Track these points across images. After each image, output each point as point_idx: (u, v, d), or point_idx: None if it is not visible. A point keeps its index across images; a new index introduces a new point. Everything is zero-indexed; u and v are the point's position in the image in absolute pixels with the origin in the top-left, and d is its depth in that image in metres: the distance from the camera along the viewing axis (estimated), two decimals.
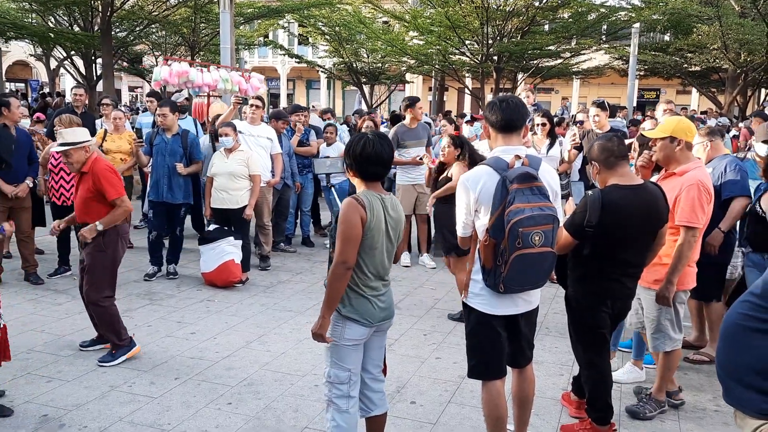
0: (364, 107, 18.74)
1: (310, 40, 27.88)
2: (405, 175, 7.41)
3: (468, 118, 7.56)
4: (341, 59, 25.13)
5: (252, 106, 7.17)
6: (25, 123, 8.43)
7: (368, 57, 24.98)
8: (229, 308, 5.71)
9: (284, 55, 27.56)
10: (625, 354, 4.66)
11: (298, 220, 8.37)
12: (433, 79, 24.66)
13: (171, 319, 5.39)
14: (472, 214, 2.92)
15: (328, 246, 7.97)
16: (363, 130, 7.80)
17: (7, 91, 25.69)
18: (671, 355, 3.76)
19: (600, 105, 6.14)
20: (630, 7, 20.04)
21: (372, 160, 2.84)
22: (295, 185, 7.76)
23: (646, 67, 20.63)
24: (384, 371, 3.17)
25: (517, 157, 2.83)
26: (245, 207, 6.43)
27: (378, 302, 2.91)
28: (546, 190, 2.81)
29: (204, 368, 4.41)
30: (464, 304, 3.09)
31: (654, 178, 3.78)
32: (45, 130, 9.05)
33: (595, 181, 3.39)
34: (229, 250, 6.25)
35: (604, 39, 21.35)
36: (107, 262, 4.48)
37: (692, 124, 3.75)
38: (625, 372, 4.25)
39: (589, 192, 3.25)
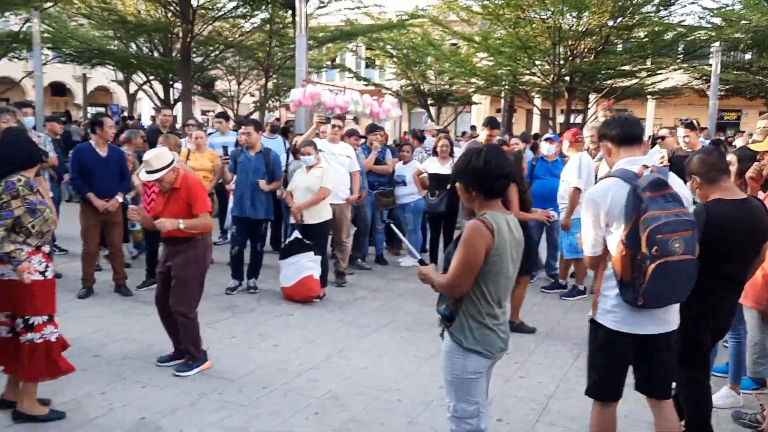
0: (430, 124, 18.72)
1: (378, 62, 28.30)
2: None
3: (548, 135, 7.42)
4: (408, 81, 25.33)
5: (334, 126, 7.30)
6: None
7: (436, 79, 25.08)
8: (308, 323, 5.78)
9: (352, 77, 28.02)
10: (720, 379, 4.44)
11: (372, 239, 8.42)
12: (502, 101, 24.47)
13: (253, 331, 5.50)
14: (602, 229, 2.84)
15: (401, 263, 8.07)
16: (438, 149, 7.80)
17: (89, 115, 27.13)
18: None
19: (689, 125, 5.96)
20: (710, 26, 19.42)
21: (496, 173, 2.69)
22: (360, 195, 7.67)
23: (727, 86, 19.89)
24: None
25: (645, 166, 2.78)
26: (326, 222, 6.53)
27: (500, 332, 2.77)
28: (679, 196, 2.74)
29: (289, 379, 4.46)
30: (592, 322, 2.98)
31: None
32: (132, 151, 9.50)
33: (695, 195, 3.28)
34: (309, 265, 6.34)
35: (681, 58, 20.72)
36: (197, 274, 4.62)
37: None
38: (721, 396, 4.05)
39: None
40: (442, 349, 2.84)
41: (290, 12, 15.37)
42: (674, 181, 2.85)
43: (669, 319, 2.87)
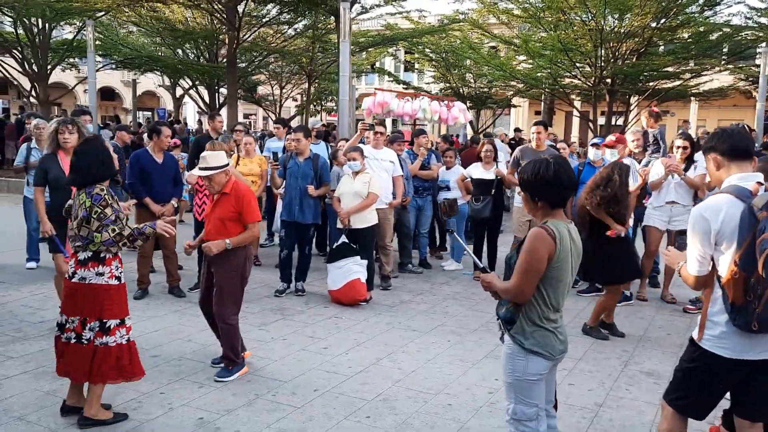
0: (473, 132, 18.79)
1: (417, 66, 28.39)
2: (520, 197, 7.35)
3: (595, 140, 7.40)
4: (448, 84, 25.36)
5: (376, 132, 7.42)
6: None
7: (475, 82, 25.06)
8: (356, 325, 5.89)
9: (392, 81, 28.16)
10: None
11: (416, 243, 8.51)
12: (542, 103, 24.31)
13: (303, 333, 5.64)
14: (711, 248, 2.72)
15: (445, 267, 8.13)
16: (482, 154, 7.85)
17: (139, 118, 27.88)
18: None
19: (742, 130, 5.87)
20: (756, 25, 18.96)
21: (563, 183, 2.76)
22: (405, 199, 7.76)
23: None
24: (555, 406, 3.08)
25: (760, 183, 2.69)
26: (372, 226, 6.67)
27: (558, 335, 2.84)
28: None
29: (340, 382, 4.57)
30: (693, 342, 2.87)
31: None
32: (182, 154, 9.79)
33: None
34: (356, 269, 6.47)
35: (727, 59, 20.27)
36: (237, 281, 4.66)
37: None
38: None
39: None
40: (503, 352, 2.92)
41: (333, 18, 15.59)
42: None
43: None
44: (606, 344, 5.49)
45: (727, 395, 2.94)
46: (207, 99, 22.25)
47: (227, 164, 4.62)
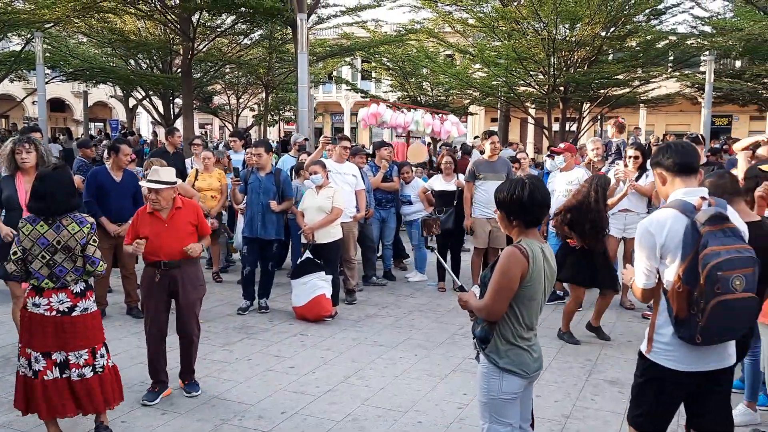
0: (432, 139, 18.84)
1: (374, 74, 28.49)
2: (480, 208, 7.42)
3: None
4: (405, 93, 25.53)
5: (342, 146, 7.39)
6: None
7: (432, 90, 25.29)
8: (322, 342, 5.85)
9: (349, 90, 28.18)
10: (736, 396, 4.52)
11: (380, 254, 8.51)
12: (498, 111, 24.68)
13: (268, 353, 5.56)
14: (657, 262, 2.77)
15: (409, 279, 8.14)
16: (442, 166, 7.91)
17: (91, 130, 27.20)
18: None
19: (694, 140, 6.05)
20: (699, 33, 19.68)
21: (539, 204, 2.78)
22: (368, 212, 7.74)
23: (720, 94, 20.16)
24: (532, 424, 3.09)
25: (703, 198, 2.72)
26: (337, 241, 6.64)
27: (532, 352, 2.85)
28: (740, 231, 2.69)
29: (308, 403, 4.52)
30: (641, 355, 2.93)
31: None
32: (138, 168, 9.58)
33: None
34: (321, 284, 6.42)
35: (672, 66, 20.98)
36: (202, 296, 4.74)
37: None
38: (738, 414, 4.11)
39: None
40: (479, 371, 2.92)
41: (290, 28, 15.53)
42: (732, 213, 2.79)
43: (729, 352, 2.82)
44: (569, 353, 5.57)
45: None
46: (161, 109, 21.86)
47: (176, 182, 4.58)
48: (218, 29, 18.63)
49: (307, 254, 6.56)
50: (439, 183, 7.83)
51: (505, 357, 2.80)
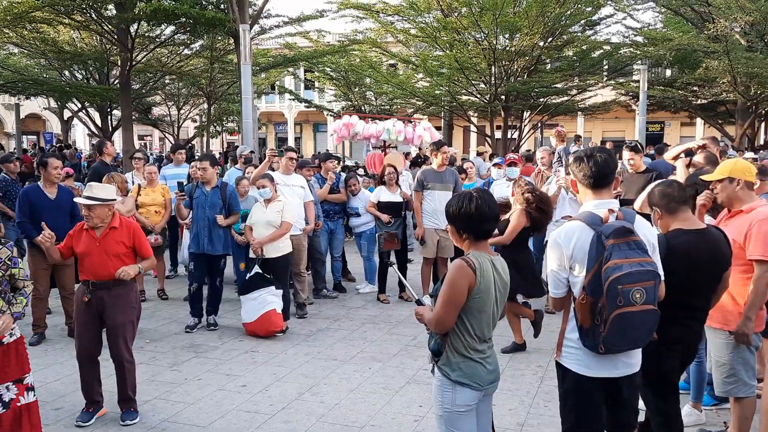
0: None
1: (317, 84, 28.43)
2: (429, 219, 7.47)
3: (496, 161, 7.65)
4: (349, 102, 25.56)
5: (288, 157, 7.32)
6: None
7: (376, 99, 25.40)
8: (274, 358, 5.75)
9: (293, 100, 28.00)
10: (683, 395, 4.67)
11: (329, 266, 8.44)
12: (442, 120, 24.98)
13: (219, 371, 5.43)
14: (566, 272, 2.85)
15: (360, 290, 8.11)
16: (385, 177, 7.94)
17: (24, 143, 26.11)
18: (744, 402, 3.70)
19: (633, 148, 6.21)
20: (631, 43, 20.46)
21: (486, 217, 2.80)
22: (317, 224, 7.66)
23: (653, 101, 20.99)
24: None
25: (611, 211, 2.79)
26: (286, 255, 6.57)
27: (486, 365, 2.86)
28: (644, 244, 2.76)
29: (262, 422, 4.44)
30: (558, 364, 3.02)
31: (719, 217, 3.85)
32: (78, 184, 9.25)
33: (657, 226, 3.47)
34: (271, 299, 6.32)
35: (607, 75, 21.73)
36: (135, 318, 4.56)
37: (749, 164, 3.84)
38: (685, 415, 4.24)
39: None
40: (433, 384, 2.92)
41: (232, 38, 15.33)
42: (640, 225, 2.89)
43: (632, 361, 2.90)
44: (521, 360, 5.65)
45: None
46: (98, 121, 21.20)
47: (114, 200, 4.45)
48: (157, 40, 18.21)
49: (257, 269, 6.45)
50: (386, 195, 7.84)
51: (457, 369, 2.81)
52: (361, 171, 12.54)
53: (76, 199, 4.46)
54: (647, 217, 3.51)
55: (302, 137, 42.97)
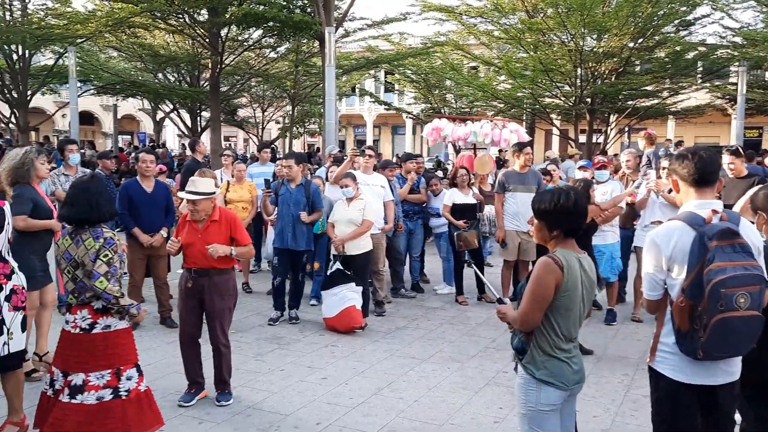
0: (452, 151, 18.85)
1: (397, 87, 28.61)
2: (511, 221, 7.37)
3: (582, 163, 7.44)
4: (429, 105, 25.55)
5: (367, 156, 7.41)
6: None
7: (456, 102, 25.28)
8: (354, 353, 5.83)
9: (372, 102, 28.29)
10: None
11: (407, 266, 8.48)
12: (524, 122, 24.58)
13: (301, 363, 5.56)
14: (663, 273, 2.74)
15: (437, 291, 8.10)
16: (457, 179, 7.88)
17: (120, 142, 27.65)
18: None
19: (734, 152, 5.91)
20: (729, 44, 19.44)
21: (582, 213, 2.78)
22: (398, 226, 7.78)
23: (751, 105, 19.89)
24: None
25: (715, 211, 2.68)
26: (367, 252, 6.65)
27: (572, 364, 2.80)
28: (750, 247, 2.63)
29: (342, 414, 4.50)
30: (650, 369, 2.90)
31: None
32: (169, 180, 9.70)
33: (762, 231, 3.28)
34: (351, 296, 6.42)
35: (702, 77, 20.74)
36: (232, 305, 4.78)
37: None
38: None
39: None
40: (517, 382, 2.89)
41: (316, 41, 15.68)
42: (745, 227, 2.75)
43: (731, 369, 2.77)
44: (606, 368, 5.48)
45: None
46: (188, 122, 22.16)
47: (214, 192, 4.68)
48: (246, 43, 18.86)
49: (338, 266, 6.57)
50: (460, 197, 7.78)
51: (542, 368, 2.77)
52: (440, 173, 12.55)
53: (180, 194, 4.63)
54: None
55: (380, 140, 43.35)
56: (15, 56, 17.29)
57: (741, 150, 6.02)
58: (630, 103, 20.30)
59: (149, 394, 3.78)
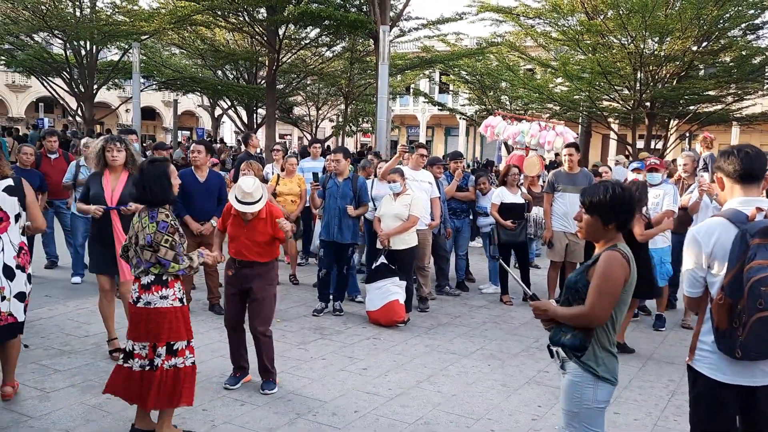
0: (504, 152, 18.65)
1: (452, 88, 28.51)
2: (559, 222, 7.26)
3: (635, 165, 7.26)
4: (483, 106, 25.37)
5: (419, 153, 7.45)
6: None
7: (510, 104, 25.02)
8: (395, 347, 5.87)
9: (427, 103, 28.29)
10: None
11: (453, 265, 8.47)
12: (580, 126, 24.13)
13: (342, 353, 5.63)
14: (703, 271, 2.71)
15: (483, 290, 8.06)
16: (507, 178, 7.82)
17: (179, 137, 28.45)
18: None
19: None
20: None
21: (634, 207, 2.79)
22: (447, 231, 7.86)
23: None
24: None
25: (759, 209, 2.61)
26: (412, 248, 6.68)
27: (618, 359, 2.83)
28: None
29: (380, 404, 4.55)
30: (689, 368, 2.88)
31: None
32: (223, 172, 9.96)
33: None
34: (394, 290, 6.46)
35: None
36: (274, 293, 4.85)
37: None
38: None
39: None
40: (568, 380, 2.81)
41: (371, 40, 15.80)
42: None
43: None
44: (651, 372, 5.36)
45: None
46: (245, 119, 22.65)
47: (262, 201, 4.65)
48: (303, 41, 19.17)
49: (382, 259, 6.62)
50: (508, 196, 7.71)
51: (602, 365, 2.74)
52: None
53: (236, 206, 4.60)
54: None
55: (433, 141, 43.27)
56: (83, 51, 18.05)
57: None
58: (691, 108, 19.66)
59: (182, 374, 3.82)
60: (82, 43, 17.75)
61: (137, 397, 3.79)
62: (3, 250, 4.16)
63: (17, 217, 4.26)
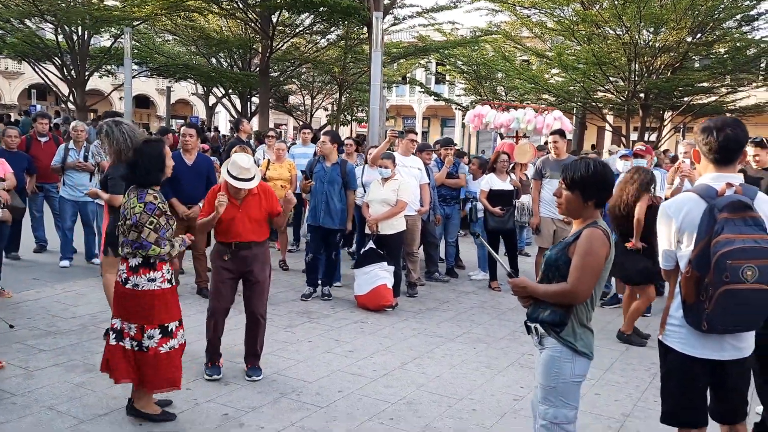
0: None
1: (448, 78, 28.45)
2: (547, 208, 7.27)
3: (623, 152, 7.28)
4: (479, 97, 25.34)
5: (409, 139, 7.44)
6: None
7: (506, 94, 25.00)
8: (382, 330, 5.89)
9: (422, 93, 28.22)
10: None
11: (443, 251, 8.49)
12: (574, 117, 24.13)
13: (329, 336, 5.65)
14: (674, 245, 2.76)
15: (472, 276, 8.08)
16: (497, 165, 7.84)
17: (173, 125, 28.37)
18: None
19: (759, 143, 5.71)
20: None
21: (613, 184, 2.82)
22: (436, 217, 7.87)
23: None
24: None
25: (729, 184, 2.64)
26: (400, 233, 6.68)
27: (592, 333, 2.85)
28: (762, 221, 2.58)
29: (364, 384, 4.57)
30: (660, 343, 2.89)
31: None
32: (213, 158, 9.92)
33: None
34: (382, 275, 6.47)
35: (763, 75, 19.91)
36: (270, 275, 4.80)
37: None
38: None
39: None
40: (546, 356, 2.82)
41: (365, 28, 15.74)
42: (762, 201, 2.69)
43: (741, 345, 2.72)
44: (634, 355, 5.40)
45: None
46: (239, 107, 22.58)
47: (254, 178, 4.55)
48: (296, 28, 19.08)
49: (371, 244, 6.63)
50: (496, 183, 7.72)
51: (580, 340, 2.77)
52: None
53: (230, 181, 4.44)
54: None
55: (429, 131, 43.23)
56: (75, 37, 17.92)
57: (766, 141, 5.80)
58: (685, 99, 19.69)
59: (172, 356, 3.83)
60: (73, 28, 17.63)
61: (135, 376, 3.78)
62: None
63: None
